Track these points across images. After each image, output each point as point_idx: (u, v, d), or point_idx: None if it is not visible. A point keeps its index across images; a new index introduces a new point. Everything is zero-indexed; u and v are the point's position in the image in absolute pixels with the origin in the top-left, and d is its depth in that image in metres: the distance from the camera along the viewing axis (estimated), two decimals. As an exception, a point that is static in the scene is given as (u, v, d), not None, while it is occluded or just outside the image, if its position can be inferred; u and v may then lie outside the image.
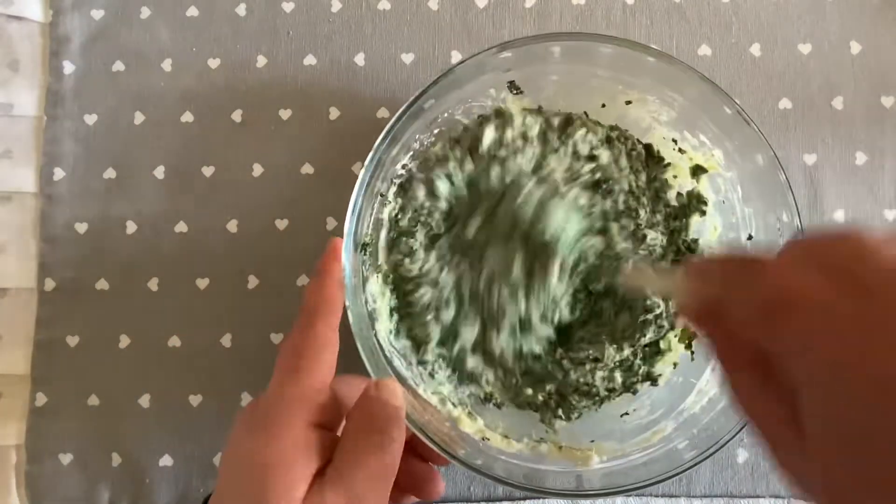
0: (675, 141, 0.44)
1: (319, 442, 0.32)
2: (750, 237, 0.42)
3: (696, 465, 0.37)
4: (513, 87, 0.43)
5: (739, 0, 0.51)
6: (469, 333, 0.43)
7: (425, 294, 0.43)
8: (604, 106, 0.44)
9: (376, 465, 0.31)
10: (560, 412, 0.43)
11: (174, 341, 0.48)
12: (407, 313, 0.43)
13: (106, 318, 0.49)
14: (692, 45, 0.51)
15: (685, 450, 0.38)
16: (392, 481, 0.32)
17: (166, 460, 0.47)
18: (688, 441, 0.39)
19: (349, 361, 0.37)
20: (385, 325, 0.42)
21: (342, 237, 0.37)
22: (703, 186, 0.44)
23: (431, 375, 0.43)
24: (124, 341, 0.49)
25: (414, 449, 0.41)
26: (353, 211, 0.38)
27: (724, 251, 0.27)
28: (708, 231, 0.45)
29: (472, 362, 0.43)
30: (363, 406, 0.33)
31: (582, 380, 0.43)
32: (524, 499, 0.46)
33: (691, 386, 0.42)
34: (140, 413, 0.48)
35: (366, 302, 0.40)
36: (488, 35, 0.51)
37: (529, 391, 0.43)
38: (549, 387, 0.43)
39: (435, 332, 0.43)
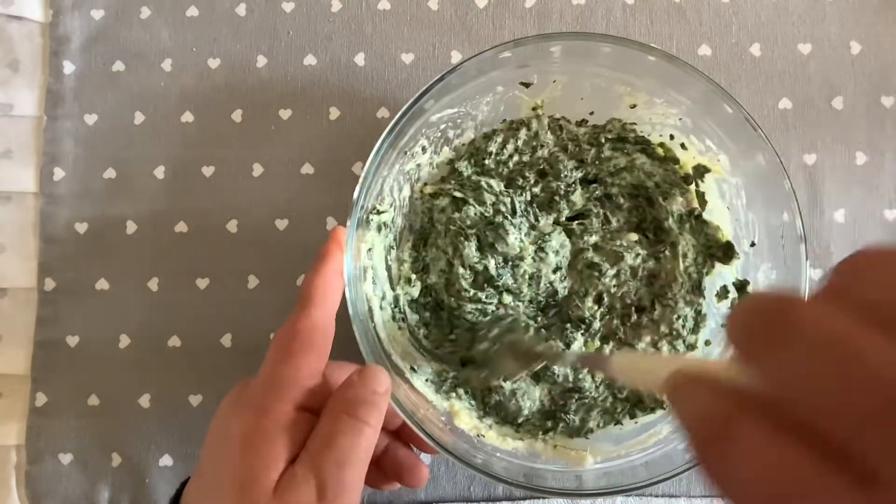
0: (671, 137, 0.44)
1: (305, 425, 0.32)
2: (753, 244, 0.42)
3: (696, 465, 0.37)
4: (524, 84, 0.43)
5: (739, 0, 0.51)
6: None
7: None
8: (620, 122, 0.45)
9: (346, 447, 0.31)
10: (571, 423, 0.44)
11: (174, 341, 0.48)
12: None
13: (106, 318, 0.49)
14: (692, 45, 0.50)
15: (685, 450, 0.38)
16: (365, 466, 0.32)
17: (166, 460, 0.47)
18: (688, 441, 0.39)
19: (349, 352, 0.37)
20: (388, 313, 0.43)
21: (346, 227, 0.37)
22: (710, 189, 0.44)
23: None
24: (124, 341, 0.49)
25: (400, 436, 0.42)
26: (364, 179, 0.38)
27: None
28: None
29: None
30: (342, 390, 0.33)
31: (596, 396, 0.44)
32: (524, 498, 0.46)
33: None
34: (140, 413, 0.48)
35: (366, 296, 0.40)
36: (488, 35, 0.51)
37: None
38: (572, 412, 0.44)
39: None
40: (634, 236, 0.45)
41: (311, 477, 0.30)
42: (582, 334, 0.44)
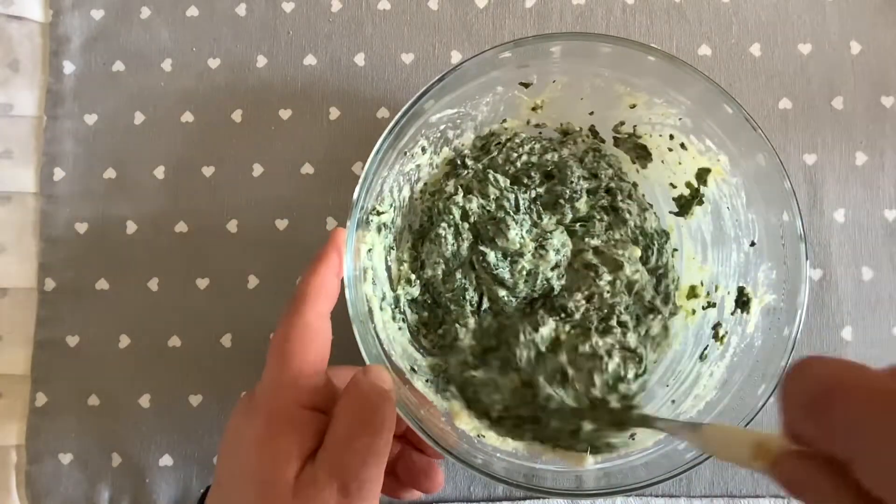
0: (671, 137, 0.44)
1: (313, 423, 0.32)
2: (753, 244, 0.42)
3: (696, 465, 0.37)
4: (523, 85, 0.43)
5: (739, 0, 0.51)
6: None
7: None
8: (620, 125, 0.45)
9: (367, 445, 0.31)
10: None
11: (174, 341, 0.48)
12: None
13: (106, 318, 0.49)
14: (692, 45, 0.51)
15: (685, 450, 0.38)
16: (384, 463, 0.32)
17: (166, 460, 0.47)
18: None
19: (349, 354, 0.37)
20: (388, 314, 0.43)
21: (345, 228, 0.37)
22: (711, 191, 0.44)
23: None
24: (124, 341, 0.49)
25: (412, 443, 0.42)
26: (364, 179, 0.38)
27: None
28: (686, 257, 0.47)
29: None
30: (353, 388, 0.33)
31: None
32: (524, 498, 0.46)
33: (689, 390, 0.42)
34: (140, 413, 0.48)
35: (365, 296, 0.40)
36: (488, 35, 0.51)
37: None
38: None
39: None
40: (638, 252, 0.45)
41: (333, 476, 0.31)
42: (556, 320, 0.43)
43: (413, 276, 0.44)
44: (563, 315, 0.44)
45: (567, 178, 0.45)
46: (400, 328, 0.44)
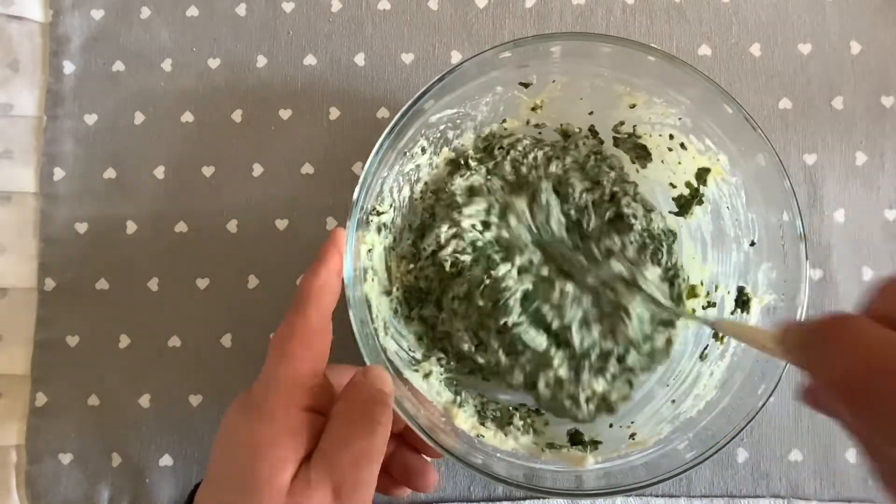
0: (671, 137, 0.44)
1: (310, 425, 0.32)
2: (753, 243, 0.42)
3: (696, 465, 0.37)
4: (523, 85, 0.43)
5: (739, 0, 0.51)
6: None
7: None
8: (620, 125, 0.45)
9: (362, 447, 0.31)
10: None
11: (174, 341, 0.48)
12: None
13: (106, 318, 0.49)
14: (692, 45, 0.51)
15: (685, 450, 0.38)
16: (378, 465, 0.32)
17: (166, 460, 0.47)
18: (687, 441, 0.39)
19: (349, 353, 0.37)
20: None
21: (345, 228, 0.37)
22: (711, 191, 0.44)
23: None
24: (124, 341, 0.49)
25: (407, 441, 0.42)
26: (363, 180, 0.38)
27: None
28: (686, 257, 0.46)
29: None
30: (351, 390, 0.34)
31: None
32: (524, 498, 0.46)
33: (689, 390, 0.42)
34: (140, 413, 0.48)
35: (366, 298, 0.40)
36: (488, 35, 0.51)
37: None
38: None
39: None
40: (657, 269, 0.44)
41: (327, 478, 0.31)
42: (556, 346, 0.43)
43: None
44: (567, 349, 0.43)
45: (569, 195, 0.45)
46: (399, 328, 0.44)
